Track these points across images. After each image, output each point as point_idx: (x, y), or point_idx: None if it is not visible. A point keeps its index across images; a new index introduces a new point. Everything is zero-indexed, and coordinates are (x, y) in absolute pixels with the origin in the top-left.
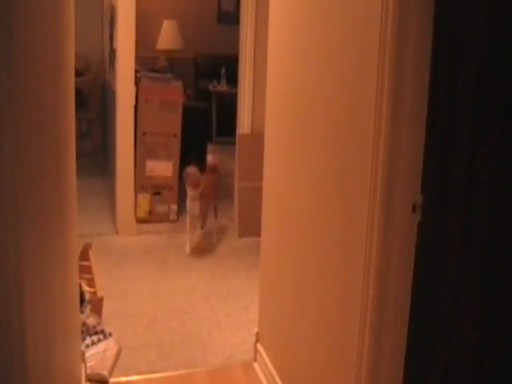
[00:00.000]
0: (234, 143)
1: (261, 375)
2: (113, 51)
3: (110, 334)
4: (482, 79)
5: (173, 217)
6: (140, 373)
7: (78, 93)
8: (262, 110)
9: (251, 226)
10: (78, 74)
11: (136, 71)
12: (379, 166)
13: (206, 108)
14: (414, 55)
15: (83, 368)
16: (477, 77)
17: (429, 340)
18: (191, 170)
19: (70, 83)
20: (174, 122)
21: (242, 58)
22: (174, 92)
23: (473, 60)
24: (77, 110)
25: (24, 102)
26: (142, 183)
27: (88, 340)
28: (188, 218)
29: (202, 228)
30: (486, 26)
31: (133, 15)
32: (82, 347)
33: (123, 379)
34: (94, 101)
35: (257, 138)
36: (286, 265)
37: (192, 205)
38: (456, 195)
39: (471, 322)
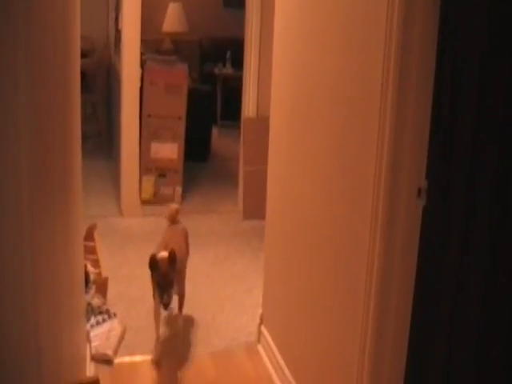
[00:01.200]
0: (238, 127)
1: (264, 357)
2: (118, 33)
3: (115, 315)
4: (487, 65)
5: (177, 199)
6: (144, 353)
7: (83, 75)
8: (267, 93)
9: (256, 209)
10: (82, 55)
11: (141, 53)
12: (384, 150)
13: (210, 91)
14: (419, 41)
15: (88, 348)
16: (481, 63)
17: (432, 323)
18: (163, 268)
19: (76, 65)
20: (179, 105)
21: (247, 41)
22: (179, 75)
23: (478, 44)
24: (82, 93)
25: (38, 83)
26: (146, 165)
27: (93, 320)
28: (155, 318)
29: (181, 311)
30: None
31: None
32: (87, 327)
33: (127, 359)
34: (99, 83)
35: (262, 122)
36: (290, 247)
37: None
38: (461, 180)
39: (475, 307)
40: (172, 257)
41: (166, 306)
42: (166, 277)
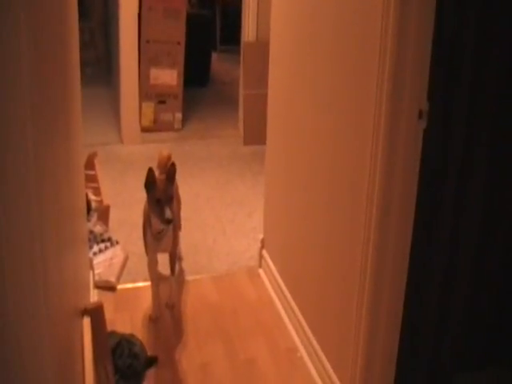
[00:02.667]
0: (238, 51)
1: (265, 281)
2: None
3: (117, 242)
4: None
5: (177, 125)
6: (146, 279)
7: (80, 1)
8: (267, 16)
9: (256, 134)
10: None
11: None
12: (386, 70)
13: (210, 16)
14: None
15: (91, 275)
16: None
17: (433, 242)
18: (162, 183)
19: None
20: (178, 30)
21: None
22: None
23: None
24: (79, 20)
25: (36, 11)
26: (146, 92)
27: (95, 248)
28: (150, 275)
29: (173, 272)
30: None
31: None
32: (90, 255)
33: (130, 285)
34: (97, 10)
35: (262, 46)
36: (290, 171)
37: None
38: (462, 102)
39: (475, 228)
40: (171, 170)
41: (170, 221)
42: (166, 192)
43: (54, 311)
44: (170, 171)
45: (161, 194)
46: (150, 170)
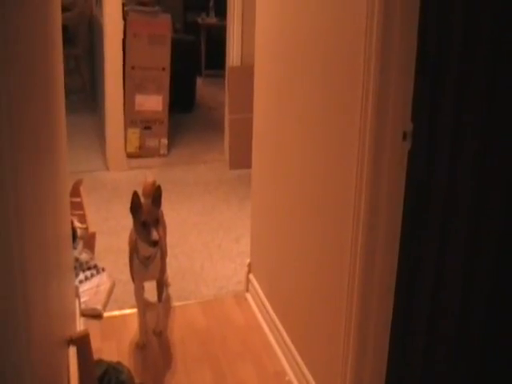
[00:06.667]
0: (223, 76)
1: (253, 305)
2: None
3: (103, 269)
4: (474, 4)
5: (163, 151)
6: (133, 306)
7: (65, 29)
8: (251, 41)
9: (242, 158)
10: (64, 9)
11: (123, 5)
12: (370, 93)
13: (194, 41)
14: None
15: (77, 303)
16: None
17: (419, 262)
18: (147, 206)
19: (57, 19)
20: (163, 56)
21: None
22: (163, 25)
23: None
24: (64, 47)
25: (19, 39)
26: (131, 118)
27: (81, 275)
28: (137, 302)
29: (160, 299)
30: None
31: None
32: (76, 283)
33: (117, 313)
34: (82, 37)
35: (246, 70)
36: (277, 195)
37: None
38: (446, 123)
39: (461, 248)
40: (157, 193)
41: (156, 243)
42: (152, 214)
43: (37, 339)
44: (155, 194)
45: (147, 216)
46: (135, 194)
